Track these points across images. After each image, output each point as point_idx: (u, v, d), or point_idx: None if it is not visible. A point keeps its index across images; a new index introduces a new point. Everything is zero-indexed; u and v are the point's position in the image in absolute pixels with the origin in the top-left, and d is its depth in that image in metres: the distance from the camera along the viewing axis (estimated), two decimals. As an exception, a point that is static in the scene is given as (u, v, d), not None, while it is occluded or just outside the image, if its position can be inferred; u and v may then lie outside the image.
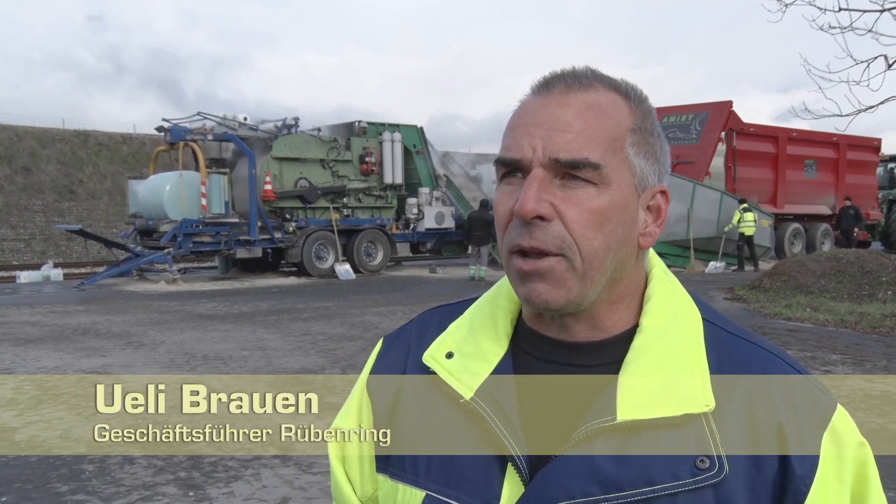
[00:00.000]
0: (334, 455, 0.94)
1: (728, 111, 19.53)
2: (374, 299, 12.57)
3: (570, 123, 0.78)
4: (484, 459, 0.81)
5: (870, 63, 10.51)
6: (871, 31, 10.35)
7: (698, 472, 0.75)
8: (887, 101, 11.18)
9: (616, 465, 0.76)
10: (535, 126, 0.80)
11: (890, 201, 24.39)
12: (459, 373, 0.84)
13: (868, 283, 12.47)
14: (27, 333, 9.18)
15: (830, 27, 10.55)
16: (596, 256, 0.79)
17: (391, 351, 0.94)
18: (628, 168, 0.80)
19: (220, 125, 16.35)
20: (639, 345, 0.81)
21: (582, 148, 0.78)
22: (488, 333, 0.87)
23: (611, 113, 0.80)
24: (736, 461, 0.76)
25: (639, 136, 0.81)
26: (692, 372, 0.79)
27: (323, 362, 7.38)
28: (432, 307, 0.98)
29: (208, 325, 9.76)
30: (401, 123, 18.74)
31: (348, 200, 17.47)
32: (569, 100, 0.80)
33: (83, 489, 4.08)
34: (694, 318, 0.84)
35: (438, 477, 0.83)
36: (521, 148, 0.79)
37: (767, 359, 0.82)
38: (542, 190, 0.78)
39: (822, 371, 6.98)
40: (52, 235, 25.23)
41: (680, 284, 0.88)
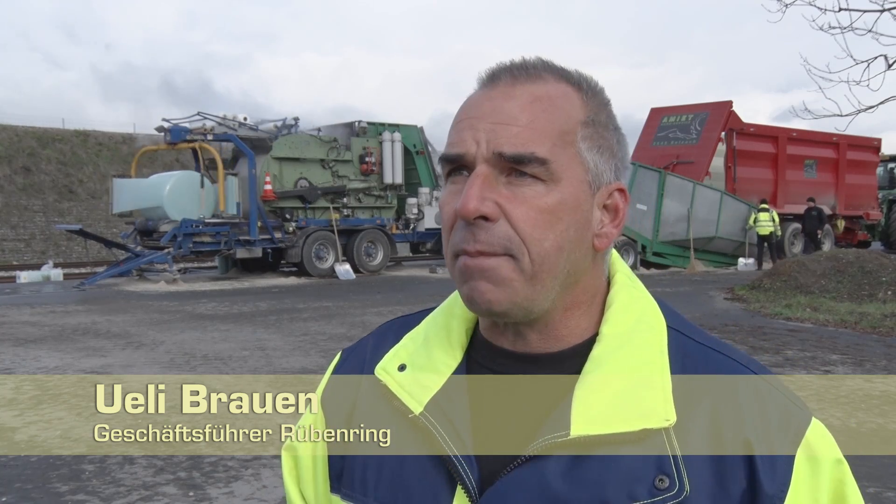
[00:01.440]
0: (288, 472, 0.90)
1: (728, 111, 19.54)
2: (374, 299, 12.57)
3: (516, 116, 0.73)
4: (432, 477, 0.76)
5: (870, 63, 10.53)
6: (871, 31, 10.37)
7: (657, 493, 0.70)
8: (887, 101, 11.19)
9: (569, 483, 0.71)
10: (478, 119, 0.74)
11: (890, 201, 24.40)
12: (410, 386, 0.79)
13: (868, 283, 12.47)
14: (27, 333, 9.18)
15: (830, 27, 10.57)
16: (547, 258, 0.73)
17: (346, 364, 0.90)
18: (580, 164, 0.75)
19: (220, 125, 16.35)
20: (597, 355, 0.76)
21: (528, 142, 0.72)
22: (442, 345, 0.82)
23: (560, 105, 0.75)
24: (699, 480, 0.71)
25: (592, 129, 0.76)
26: (653, 384, 0.74)
27: (323, 362, 7.37)
28: (392, 318, 0.94)
29: (208, 325, 9.76)
30: (401, 123, 18.73)
31: (348, 200, 17.47)
32: (515, 91, 0.75)
33: (83, 489, 4.08)
34: (658, 326, 0.79)
35: (385, 496, 0.78)
36: (463, 143, 0.74)
37: (736, 370, 0.77)
38: (485, 188, 0.72)
39: (822, 371, 6.98)
40: (52, 235, 25.23)
41: (645, 290, 0.83)
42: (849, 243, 22.15)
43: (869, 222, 23.63)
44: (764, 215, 18.15)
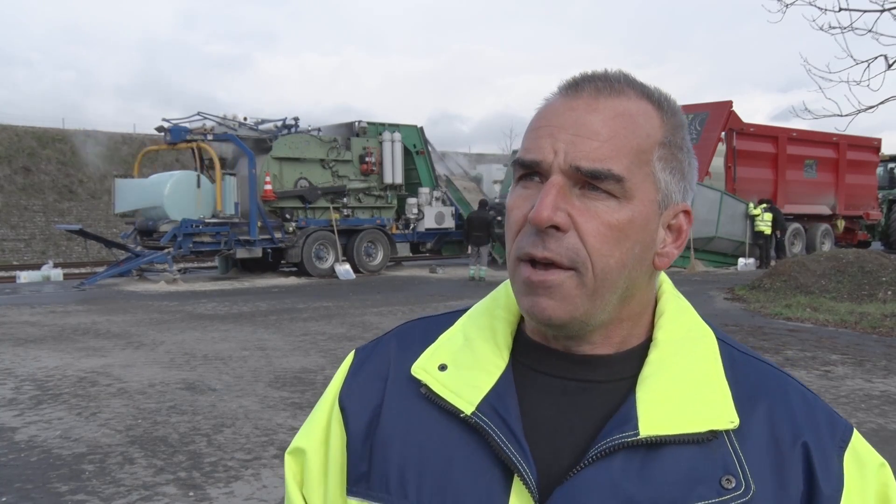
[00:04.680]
0: (291, 476, 0.87)
1: (728, 111, 19.53)
2: (374, 299, 12.57)
3: (598, 131, 0.74)
4: (486, 478, 0.75)
5: (870, 63, 10.54)
6: (871, 31, 10.38)
7: (724, 492, 0.71)
8: (887, 101, 11.19)
9: (638, 482, 0.72)
10: (559, 129, 0.75)
11: (890, 201, 24.43)
12: (457, 386, 0.79)
13: (868, 283, 12.47)
14: (27, 333, 9.18)
15: (830, 27, 10.58)
16: (610, 274, 0.74)
17: (368, 364, 0.87)
18: (653, 183, 0.76)
19: (219, 125, 16.36)
20: (656, 359, 0.78)
21: (607, 158, 0.73)
22: (487, 345, 0.82)
23: (641, 123, 0.76)
24: (762, 480, 0.73)
25: (668, 150, 0.77)
26: (714, 388, 0.76)
27: (323, 362, 7.38)
28: (411, 320, 0.93)
29: (208, 325, 9.76)
30: (401, 123, 18.74)
31: (348, 200, 17.47)
32: (598, 105, 0.75)
33: (83, 489, 4.08)
34: (708, 335, 0.81)
35: (432, 498, 0.76)
36: (542, 150, 0.75)
37: (783, 378, 0.81)
38: (559, 198, 0.73)
39: (822, 371, 6.98)
40: (52, 235, 25.22)
41: (688, 302, 0.86)
42: (849, 243, 22.17)
43: (869, 222, 23.64)
44: (769, 215, 18.27)
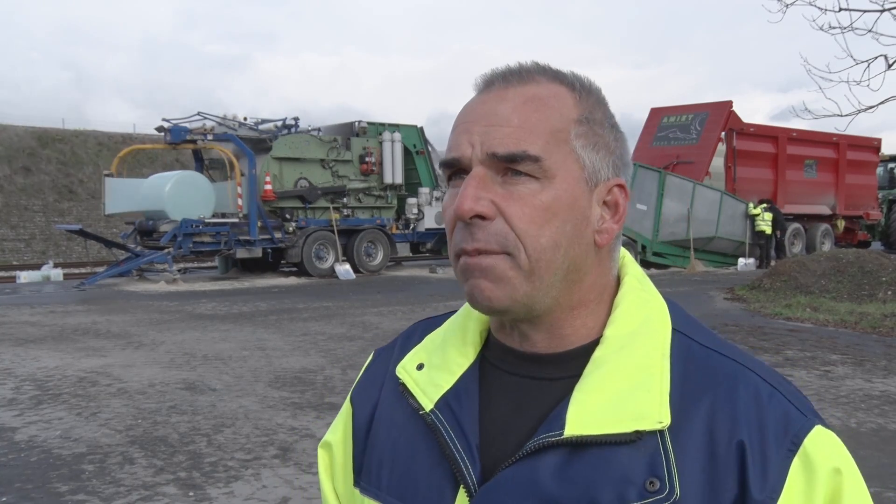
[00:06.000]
0: (323, 468, 0.94)
1: (728, 111, 19.54)
2: (374, 299, 12.57)
3: (508, 118, 0.75)
4: (438, 473, 0.79)
5: (870, 63, 10.53)
6: (871, 31, 10.37)
7: (647, 495, 0.69)
8: (887, 101, 11.19)
9: (560, 482, 0.72)
10: (473, 123, 0.77)
11: (890, 201, 24.42)
12: (424, 384, 0.83)
13: (868, 283, 12.47)
14: (27, 333, 9.18)
15: (830, 27, 10.57)
16: (543, 254, 0.74)
17: (375, 363, 0.94)
18: (575, 161, 0.76)
19: (219, 125, 16.36)
20: (599, 356, 0.77)
21: (520, 141, 0.74)
22: (456, 345, 0.85)
23: (552, 104, 0.77)
24: (690, 484, 0.70)
25: (586, 127, 0.77)
26: (649, 386, 0.74)
27: (323, 362, 7.38)
28: (421, 320, 0.97)
29: (208, 325, 9.76)
30: (401, 123, 18.73)
31: (348, 200, 17.46)
32: (507, 94, 0.77)
33: (83, 489, 4.08)
34: (662, 329, 0.79)
35: (396, 490, 0.82)
36: (460, 147, 0.77)
37: (738, 373, 0.76)
38: (480, 188, 0.74)
39: (822, 371, 6.98)
40: (52, 235, 25.22)
41: (656, 292, 0.83)
42: (849, 243, 22.17)
43: (869, 222, 23.64)
44: (769, 215, 18.30)
